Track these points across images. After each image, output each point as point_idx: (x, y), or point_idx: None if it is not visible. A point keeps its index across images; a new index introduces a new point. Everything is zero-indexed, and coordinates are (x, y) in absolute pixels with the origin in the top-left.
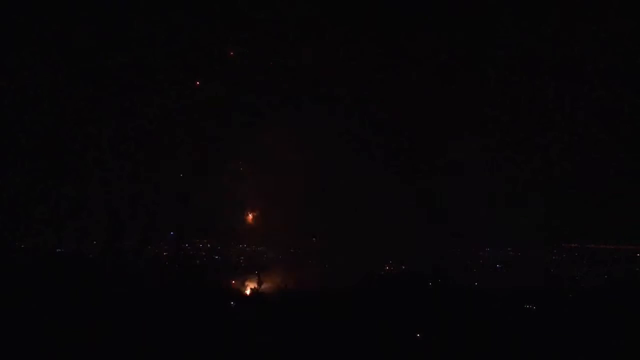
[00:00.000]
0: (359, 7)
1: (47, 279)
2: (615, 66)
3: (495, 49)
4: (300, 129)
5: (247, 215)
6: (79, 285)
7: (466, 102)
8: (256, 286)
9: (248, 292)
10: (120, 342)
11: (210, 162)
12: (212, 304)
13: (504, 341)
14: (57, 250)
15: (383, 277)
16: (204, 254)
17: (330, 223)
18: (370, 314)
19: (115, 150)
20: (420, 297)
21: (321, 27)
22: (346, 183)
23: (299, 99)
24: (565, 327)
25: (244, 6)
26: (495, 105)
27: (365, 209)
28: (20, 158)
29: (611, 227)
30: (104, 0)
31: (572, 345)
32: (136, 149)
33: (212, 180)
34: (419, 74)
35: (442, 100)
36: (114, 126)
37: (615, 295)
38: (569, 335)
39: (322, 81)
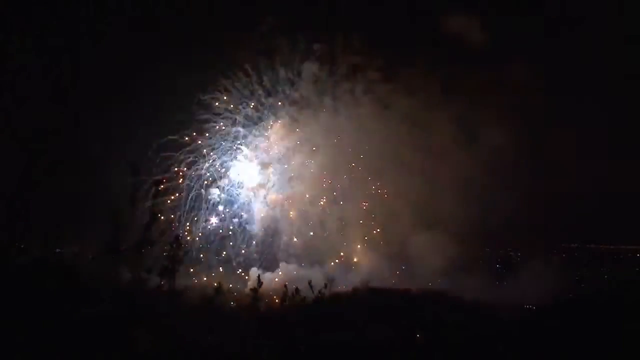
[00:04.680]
0: None
1: (47, 279)
2: (616, 67)
3: None
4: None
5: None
6: (78, 286)
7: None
8: (256, 286)
9: (248, 292)
10: (119, 341)
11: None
12: (211, 303)
13: (504, 341)
14: (57, 250)
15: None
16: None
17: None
18: (367, 316)
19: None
20: (419, 299)
21: None
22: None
23: None
24: (565, 327)
25: None
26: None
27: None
28: (19, 157)
29: (611, 227)
30: None
31: (572, 345)
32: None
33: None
34: None
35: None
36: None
37: (615, 296)
38: (569, 335)
39: None
